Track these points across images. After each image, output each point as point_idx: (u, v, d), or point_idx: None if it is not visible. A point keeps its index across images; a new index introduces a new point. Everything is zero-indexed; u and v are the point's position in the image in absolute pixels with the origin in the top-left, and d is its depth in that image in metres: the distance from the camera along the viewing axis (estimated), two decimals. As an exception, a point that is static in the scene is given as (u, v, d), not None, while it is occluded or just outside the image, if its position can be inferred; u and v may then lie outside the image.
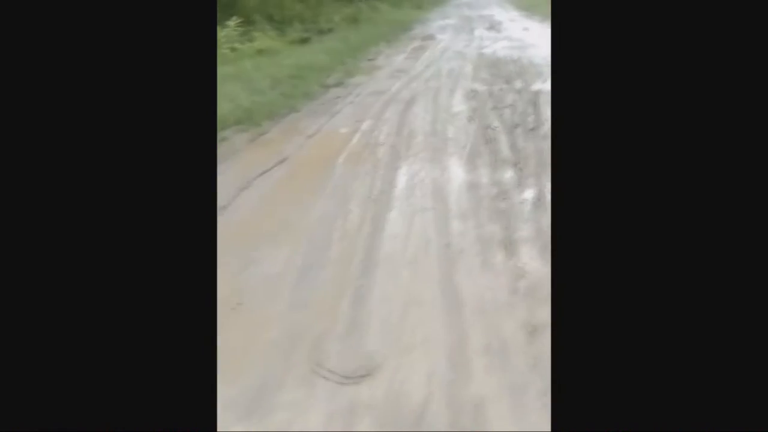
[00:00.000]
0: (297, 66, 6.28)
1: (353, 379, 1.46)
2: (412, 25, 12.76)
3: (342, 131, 3.92)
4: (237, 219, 2.49)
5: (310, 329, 1.68)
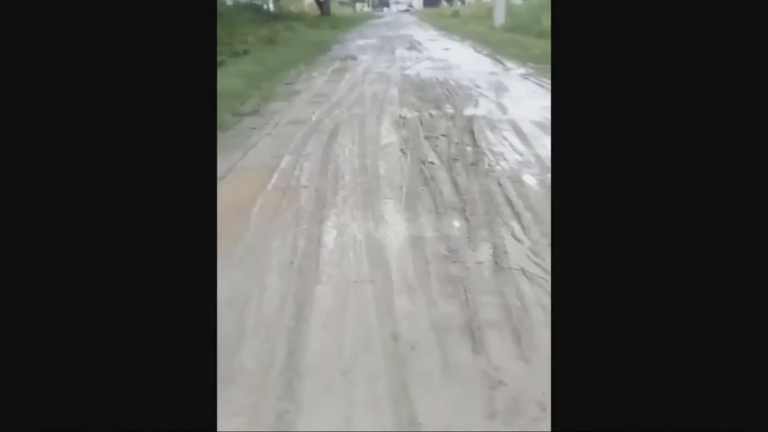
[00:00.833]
0: (207, 92, 5.67)
1: None
2: (330, 46, 12.34)
3: (258, 171, 3.39)
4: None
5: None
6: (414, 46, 11.84)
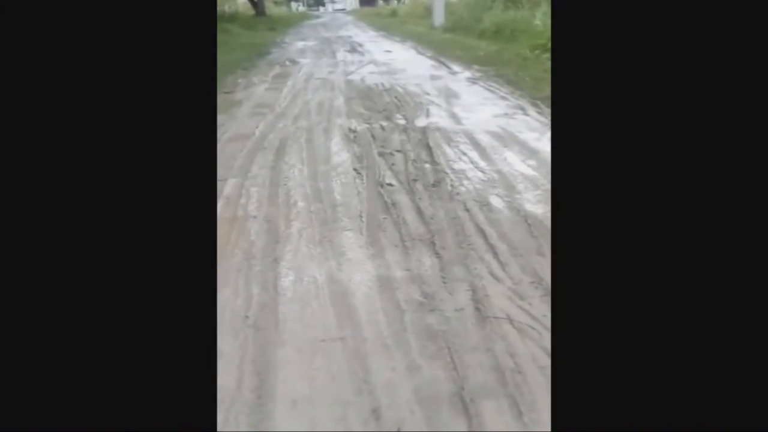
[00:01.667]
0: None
1: None
2: (269, 49, 11.96)
3: (200, 198, 3.08)
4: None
5: None
6: (355, 49, 11.61)
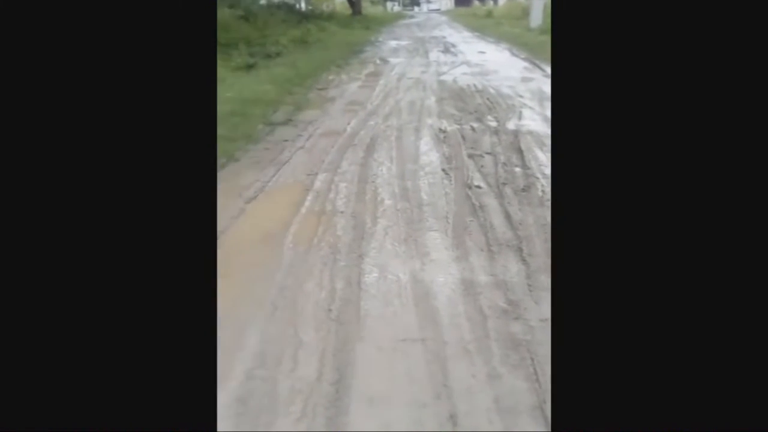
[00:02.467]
0: (240, 99, 5.48)
1: None
2: (363, 47, 12.12)
3: (291, 191, 3.16)
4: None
5: None
6: (448, 49, 11.56)
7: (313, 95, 6.32)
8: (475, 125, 4.55)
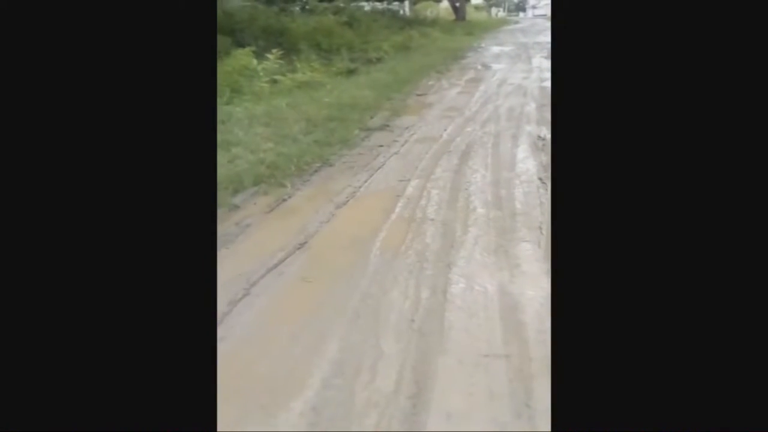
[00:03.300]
0: (338, 104, 5.58)
1: None
2: (464, 53, 12.02)
3: (382, 197, 3.16)
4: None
5: None
6: (553, 54, 11.21)
7: (411, 100, 6.33)
8: (577, 132, 4.36)
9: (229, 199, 3.08)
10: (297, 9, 12.88)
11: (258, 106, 5.49)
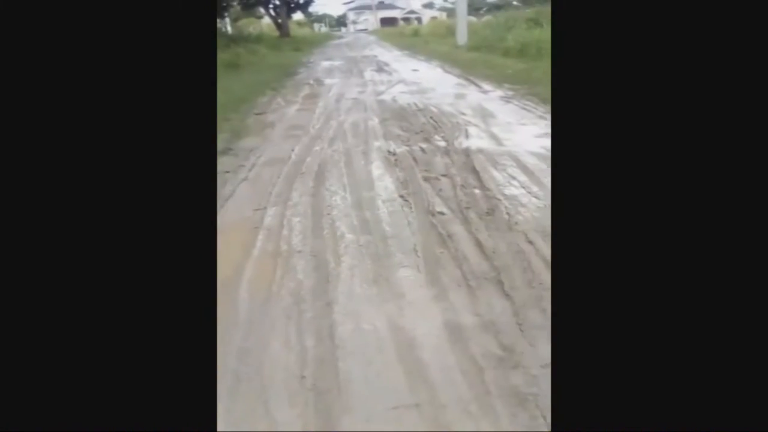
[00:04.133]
0: (170, 129, 5.12)
1: None
2: (296, 69, 11.90)
3: (238, 230, 2.88)
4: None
5: None
6: (382, 68, 11.47)
7: (251, 120, 6.04)
8: (424, 146, 4.39)
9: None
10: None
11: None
